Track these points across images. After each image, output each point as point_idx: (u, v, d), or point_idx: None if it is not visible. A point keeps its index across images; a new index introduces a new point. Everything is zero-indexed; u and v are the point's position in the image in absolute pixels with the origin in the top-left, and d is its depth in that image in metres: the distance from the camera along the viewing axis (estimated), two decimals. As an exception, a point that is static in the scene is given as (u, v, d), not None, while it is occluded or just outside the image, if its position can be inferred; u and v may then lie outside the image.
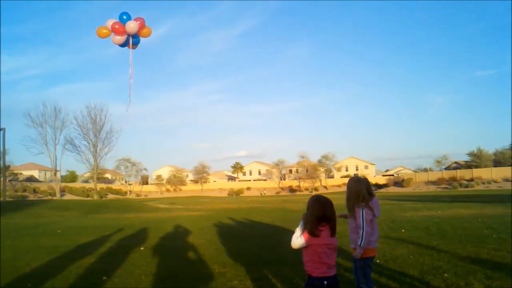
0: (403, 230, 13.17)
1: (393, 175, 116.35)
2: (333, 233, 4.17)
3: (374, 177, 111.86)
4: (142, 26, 8.54)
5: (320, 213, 4.13)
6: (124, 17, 8.45)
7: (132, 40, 8.58)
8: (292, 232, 4.28)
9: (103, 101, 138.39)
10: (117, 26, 8.32)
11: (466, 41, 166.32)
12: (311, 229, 4.11)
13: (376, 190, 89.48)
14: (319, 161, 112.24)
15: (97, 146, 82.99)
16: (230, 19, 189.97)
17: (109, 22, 8.41)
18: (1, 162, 53.68)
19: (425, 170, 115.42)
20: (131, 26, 8.33)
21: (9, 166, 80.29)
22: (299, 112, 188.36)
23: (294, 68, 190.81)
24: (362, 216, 5.04)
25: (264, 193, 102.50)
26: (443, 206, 26.29)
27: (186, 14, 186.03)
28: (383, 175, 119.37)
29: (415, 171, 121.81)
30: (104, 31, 8.45)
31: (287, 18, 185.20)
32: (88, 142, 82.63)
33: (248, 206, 38.15)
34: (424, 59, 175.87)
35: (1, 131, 45.44)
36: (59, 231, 16.92)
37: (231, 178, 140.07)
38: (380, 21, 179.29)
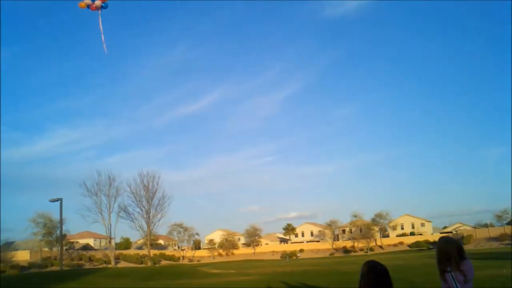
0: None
1: (451, 232, 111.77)
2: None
3: (431, 235, 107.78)
4: None
5: (376, 283, 3.84)
6: None
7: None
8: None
9: (155, 168, 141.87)
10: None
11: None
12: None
13: (434, 248, 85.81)
14: (373, 220, 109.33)
15: (150, 212, 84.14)
16: (276, 83, 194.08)
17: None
18: (59, 232, 55.06)
19: (486, 225, 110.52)
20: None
21: (65, 235, 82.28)
22: (349, 171, 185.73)
23: (343, 128, 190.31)
24: (453, 279, 4.81)
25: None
26: (508, 264, 24.83)
27: (234, 82, 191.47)
28: (441, 233, 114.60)
29: (474, 227, 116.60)
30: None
31: (333, 79, 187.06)
32: (141, 209, 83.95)
33: (302, 269, 37.22)
34: (477, 110, 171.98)
35: (59, 202, 46.91)
36: (113, 300, 16.97)
37: (283, 240, 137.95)
38: (428, 76, 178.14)
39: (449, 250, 4.92)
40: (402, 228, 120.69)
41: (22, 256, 80.00)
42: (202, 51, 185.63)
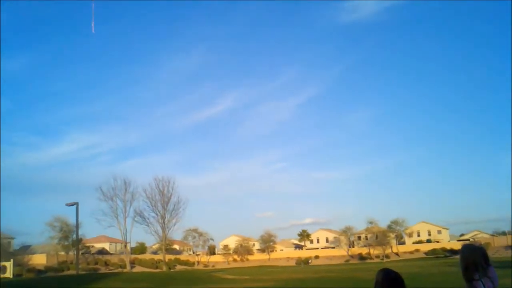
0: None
1: (469, 239, 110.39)
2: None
3: (448, 242, 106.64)
4: None
5: None
6: None
7: None
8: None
9: (170, 173, 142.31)
10: None
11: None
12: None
13: (451, 256, 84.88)
14: (389, 227, 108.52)
15: (165, 217, 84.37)
16: (291, 88, 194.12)
17: None
18: (75, 236, 55.53)
19: (504, 233, 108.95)
20: None
21: (81, 239, 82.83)
22: (365, 177, 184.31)
23: (358, 133, 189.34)
24: (484, 286, 4.76)
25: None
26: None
27: (249, 86, 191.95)
28: (458, 240, 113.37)
29: (492, 235, 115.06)
30: None
31: (348, 84, 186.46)
32: (156, 214, 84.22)
33: (317, 276, 37.02)
34: (495, 116, 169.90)
35: (75, 206, 47.32)
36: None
37: (298, 247, 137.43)
38: (445, 81, 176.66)
39: (475, 258, 4.87)
40: (419, 235, 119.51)
41: (39, 260, 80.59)
42: (217, 56, 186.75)
